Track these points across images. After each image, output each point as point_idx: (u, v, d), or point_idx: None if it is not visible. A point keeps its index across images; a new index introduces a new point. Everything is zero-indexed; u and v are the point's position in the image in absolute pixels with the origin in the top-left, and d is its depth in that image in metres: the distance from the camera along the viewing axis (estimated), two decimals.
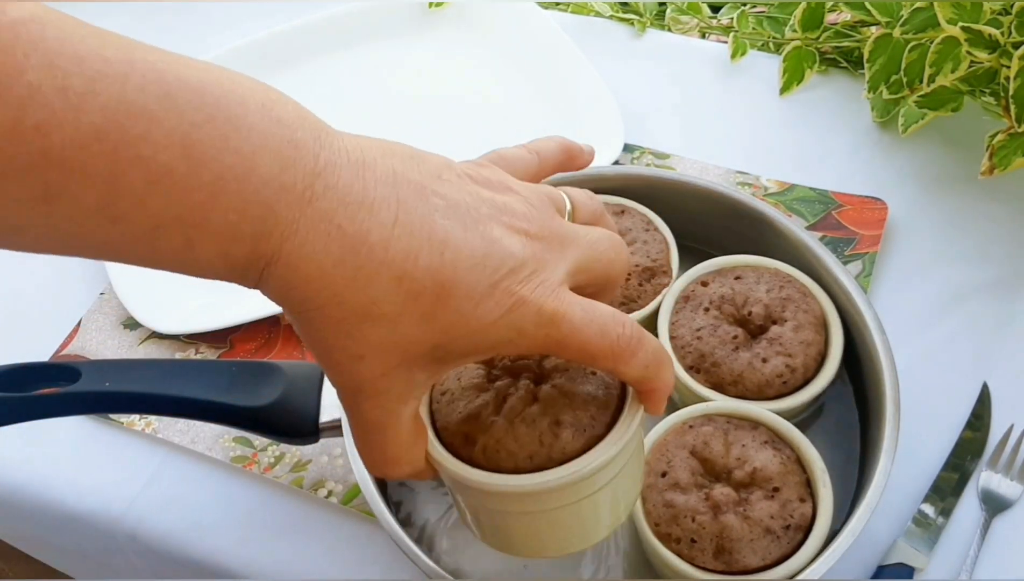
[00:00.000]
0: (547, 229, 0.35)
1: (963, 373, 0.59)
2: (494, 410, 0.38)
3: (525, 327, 0.33)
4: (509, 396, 0.38)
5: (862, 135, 0.72)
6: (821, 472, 0.48)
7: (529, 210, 0.35)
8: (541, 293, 0.33)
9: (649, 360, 0.36)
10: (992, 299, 0.62)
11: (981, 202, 0.67)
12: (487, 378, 0.40)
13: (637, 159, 0.72)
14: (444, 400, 0.39)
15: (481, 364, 0.40)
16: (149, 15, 0.88)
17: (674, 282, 0.57)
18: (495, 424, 0.37)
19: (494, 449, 0.37)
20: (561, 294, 0.33)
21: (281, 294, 0.31)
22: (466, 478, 0.37)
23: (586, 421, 0.37)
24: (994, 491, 0.54)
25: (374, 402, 0.34)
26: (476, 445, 0.37)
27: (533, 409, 0.38)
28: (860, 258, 0.63)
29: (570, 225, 0.36)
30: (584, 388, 0.38)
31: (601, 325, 0.34)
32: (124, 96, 0.27)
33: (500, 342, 0.33)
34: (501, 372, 0.40)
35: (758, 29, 0.79)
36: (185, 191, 0.28)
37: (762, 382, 0.52)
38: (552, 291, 0.33)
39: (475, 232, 0.32)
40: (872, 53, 0.68)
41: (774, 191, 0.68)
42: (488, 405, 0.38)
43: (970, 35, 0.61)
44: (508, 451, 0.37)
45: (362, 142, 0.33)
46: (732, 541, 0.47)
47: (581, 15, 0.84)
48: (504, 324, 0.32)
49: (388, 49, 0.82)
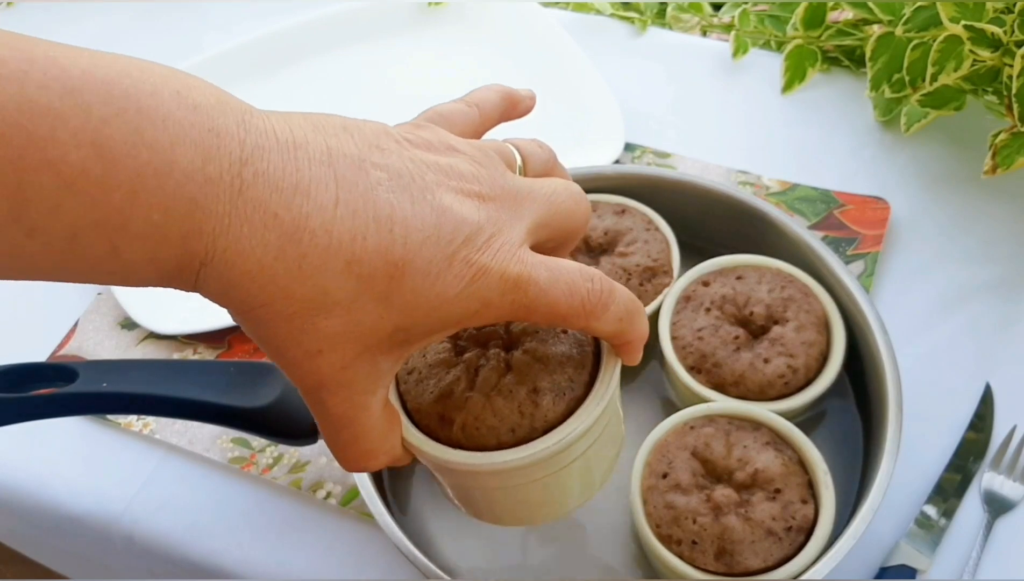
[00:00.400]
0: (499, 188, 0.33)
1: (966, 373, 0.58)
2: (467, 385, 0.36)
3: (490, 297, 0.31)
4: (481, 368, 0.37)
5: (864, 134, 0.72)
6: (823, 473, 0.48)
7: (477, 170, 0.33)
8: (502, 258, 0.31)
9: (622, 312, 0.34)
10: (995, 299, 0.62)
11: (984, 201, 0.66)
12: (454, 351, 0.38)
13: (638, 158, 0.71)
14: (412, 380, 0.38)
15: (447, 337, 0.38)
16: (148, 15, 0.88)
17: (675, 282, 0.57)
18: (471, 400, 0.36)
19: (473, 427, 0.36)
20: (523, 256, 0.32)
21: (221, 295, 0.29)
22: (450, 461, 0.36)
23: (564, 384, 0.36)
24: (997, 492, 0.53)
25: (339, 397, 0.32)
26: (454, 424, 0.36)
27: (508, 379, 0.36)
28: (862, 258, 0.63)
29: (523, 180, 0.34)
30: (557, 349, 0.37)
31: (568, 283, 0.32)
32: (25, 95, 0.25)
33: (465, 315, 0.31)
34: (468, 343, 0.38)
35: (759, 27, 0.78)
36: (102, 193, 0.26)
37: (764, 383, 0.52)
38: (513, 254, 0.31)
39: (423, 203, 0.30)
40: (874, 52, 0.68)
41: (776, 190, 0.68)
42: (460, 381, 0.36)
43: (973, 33, 0.60)
44: (489, 427, 0.35)
45: (291, 119, 0.30)
46: (733, 543, 0.46)
47: (582, 13, 0.84)
48: (467, 296, 0.31)
49: (387, 48, 0.82)
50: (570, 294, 0.32)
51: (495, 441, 0.35)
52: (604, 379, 0.36)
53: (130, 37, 0.85)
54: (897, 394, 0.50)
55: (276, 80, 0.80)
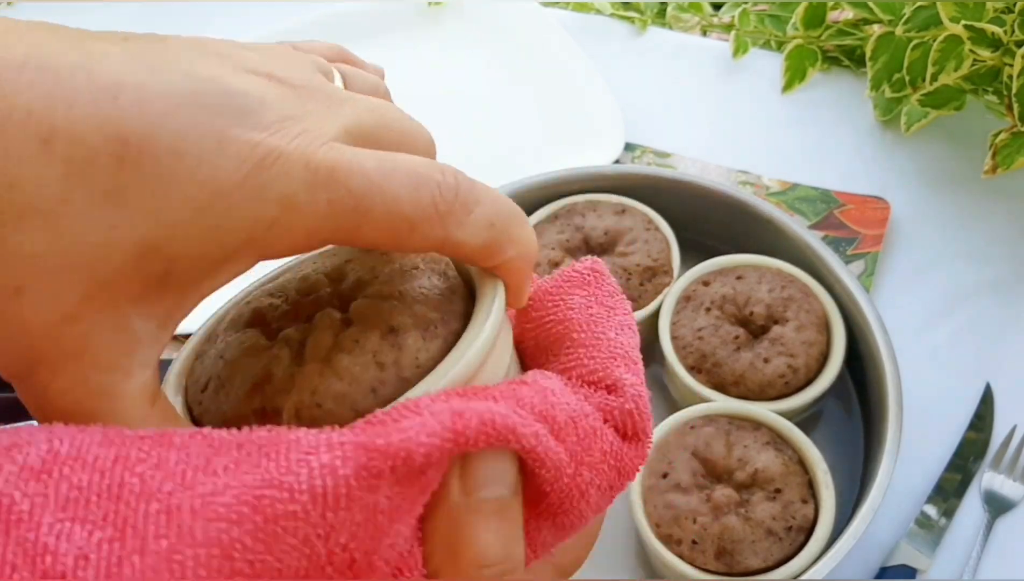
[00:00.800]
0: (304, 80, 0.24)
1: (966, 373, 0.58)
2: (293, 360, 0.25)
3: (292, 192, 0.21)
4: (309, 336, 0.25)
5: (864, 134, 0.72)
6: (823, 473, 0.48)
7: (274, 60, 0.24)
8: (306, 142, 0.21)
9: (491, 214, 0.24)
10: (995, 299, 0.62)
11: (984, 201, 0.66)
12: (265, 337, 0.26)
13: (638, 158, 0.71)
14: (209, 393, 0.26)
15: (247, 327, 0.27)
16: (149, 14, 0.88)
17: (675, 282, 0.57)
18: (300, 374, 0.24)
19: (312, 406, 0.24)
20: (338, 145, 0.22)
21: None
22: None
23: (433, 315, 0.25)
24: (997, 492, 0.53)
25: (65, 377, 0.21)
26: (282, 412, 0.24)
27: (350, 331, 0.25)
28: (862, 258, 0.63)
29: (342, 89, 0.26)
30: (413, 283, 0.26)
31: (411, 173, 0.22)
32: None
33: (258, 226, 0.21)
34: (283, 323, 0.26)
35: (760, 27, 0.78)
36: None
37: (764, 382, 0.52)
38: (323, 141, 0.22)
39: (169, 72, 0.21)
40: (874, 51, 0.68)
41: (776, 190, 0.68)
42: (281, 358, 0.25)
43: (973, 33, 0.60)
44: (336, 396, 0.24)
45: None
46: (733, 543, 0.46)
47: (582, 13, 0.84)
48: (255, 189, 0.20)
49: (386, 48, 0.82)
50: (416, 186, 0.22)
51: (351, 411, 0.24)
52: (484, 298, 0.25)
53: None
54: (897, 394, 0.50)
55: None
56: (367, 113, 0.24)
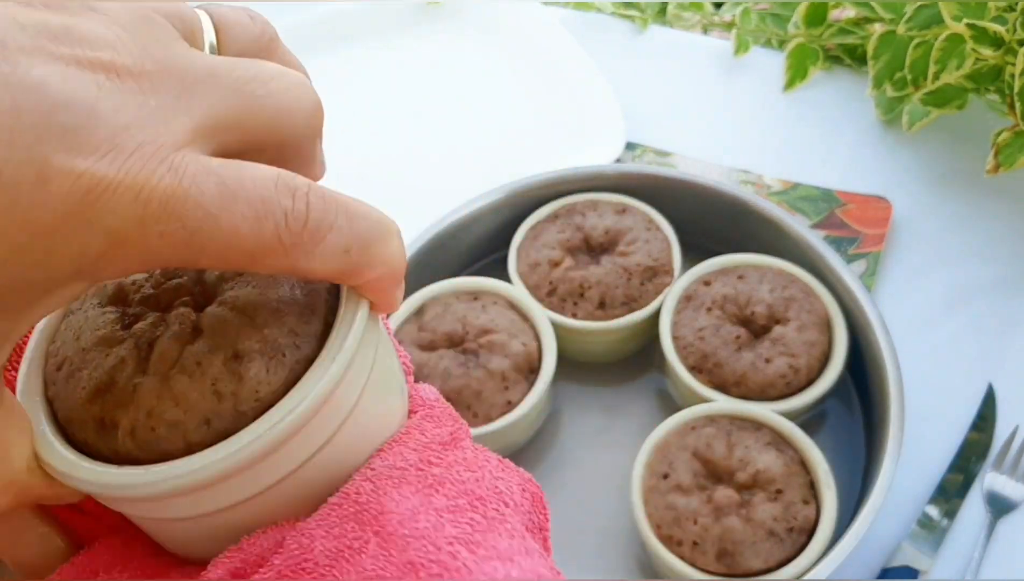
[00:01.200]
0: (152, 60, 0.21)
1: (968, 373, 0.58)
2: (137, 368, 0.24)
3: (120, 227, 0.19)
4: (158, 340, 0.24)
5: (866, 133, 0.72)
6: (825, 474, 0.48)
7: (117, 34, 0.21)
8: (140, 164, 0.20)
9: (347, 240, 0.22)
10: (997, 298, 0.61)
11: (986, 200, 0.66)
12: (120, 323, 0.25)
13: (639, 157, 0.71)
14: (62, 377, 0.25)
15: (109, 304, 0.26)
16: None
17: (676, 281, 0.56)
18: (141, 388, 0.24)
19: (147, 428, 0.23)
20: (179, 161, 0.20)
21: None
22: (108, 485, 0.23)
23: (284, 341, 0.24)
24: (999, 493, 0.53)
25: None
26: (119, 429, 0.24)
27: (196, 347, 0.24)
28: (864, 257, 0.63)
29: (203, 56, 0.22)
30: (272, 294, 0.25)
31: (255, 201, 0.21)
32: None
33: (85, 259, 0.20)
34: (141, 308, 0.26)
35: (761, 25, 0.78)
36: None
37: (765, 383, 0.52)
38: (162, 159, 0.20)
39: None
40: (876, 50, 0.68)
41: (777, 189, 0.68)
42: (125, 363, 0.24)
43: (975, 32, 0.60)
44: (169, 423, 0.23)
45: None
46: (735, 544, 0.46)
47: (582, 11, 0.83)
48: (80, 224, 0.19)
49: (385, 47, 0.82)
50: (259, 218, 0.21)
51: (181, 442, 0.23)
52: (343, 322, 0.24)
53: None
54: (899, 394, 0.50)
55: None
56: (231, 95, 0.22)
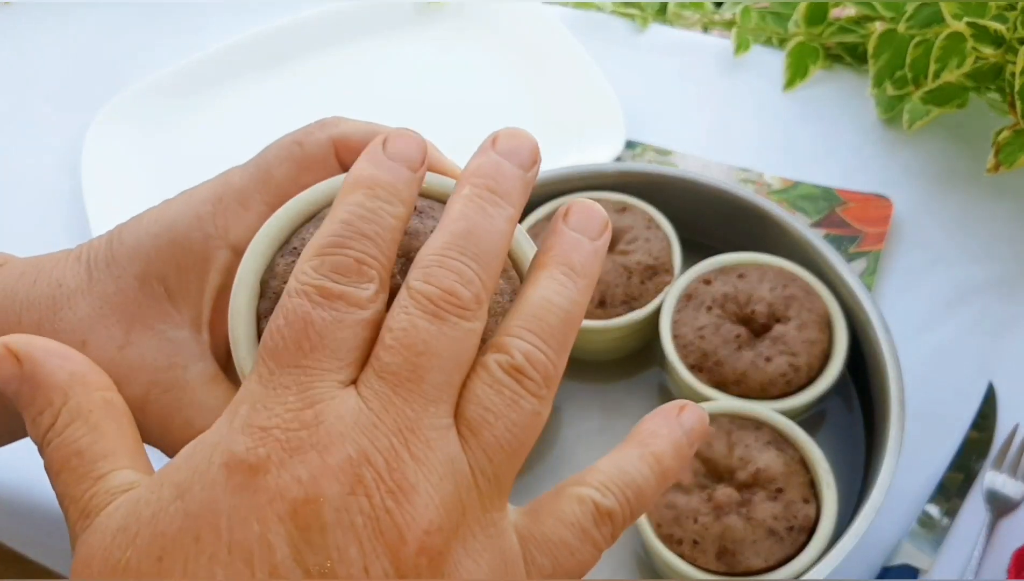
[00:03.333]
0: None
1: (969, 372, 0.58)
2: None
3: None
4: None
5: (867, 131, 0.72)
6: (825, 472, 0.48)
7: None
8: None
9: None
10: (998, 297, 0.61)
11: (987, 199, 0.66)
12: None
13: (639, 156, 0.71)
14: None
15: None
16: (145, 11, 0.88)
17: (676, 280, 0.56)
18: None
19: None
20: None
21: None
22: None
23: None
24: (999, 492, 0.53)
25: (140, 387, 0.29)
26: None
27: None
28: (865, 256, 0.63)
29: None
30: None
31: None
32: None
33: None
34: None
35: (761, 24, 0.78)
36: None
37: (765, 381, 0.52)
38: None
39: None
40: (877, 48, 0.68)
41: (777, 188, 0.68)
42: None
43: (975, 31, 0.60)
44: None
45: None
46: (735, 542, 0.46)
47: (582, 10, 0.83)
48: None
49: (384, 47, 0.82)
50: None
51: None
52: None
53: (129, 35, 0.85)
54: (899, 393, 0.50)
55: (273, 78, 0.79)
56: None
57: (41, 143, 0.77)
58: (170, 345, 0.29)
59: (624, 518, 0.25)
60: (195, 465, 0.22)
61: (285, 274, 0.27)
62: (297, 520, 0.21)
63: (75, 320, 0.29)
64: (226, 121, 0.76)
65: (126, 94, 0.76)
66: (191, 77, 0.77)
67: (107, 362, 0.28)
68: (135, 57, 0.82)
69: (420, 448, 0.22)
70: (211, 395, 0.29)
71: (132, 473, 0.24)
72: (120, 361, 0.28)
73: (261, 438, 0.22)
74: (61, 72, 0.82)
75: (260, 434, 0.22)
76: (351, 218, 0.24)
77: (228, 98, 0.78)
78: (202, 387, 0.29)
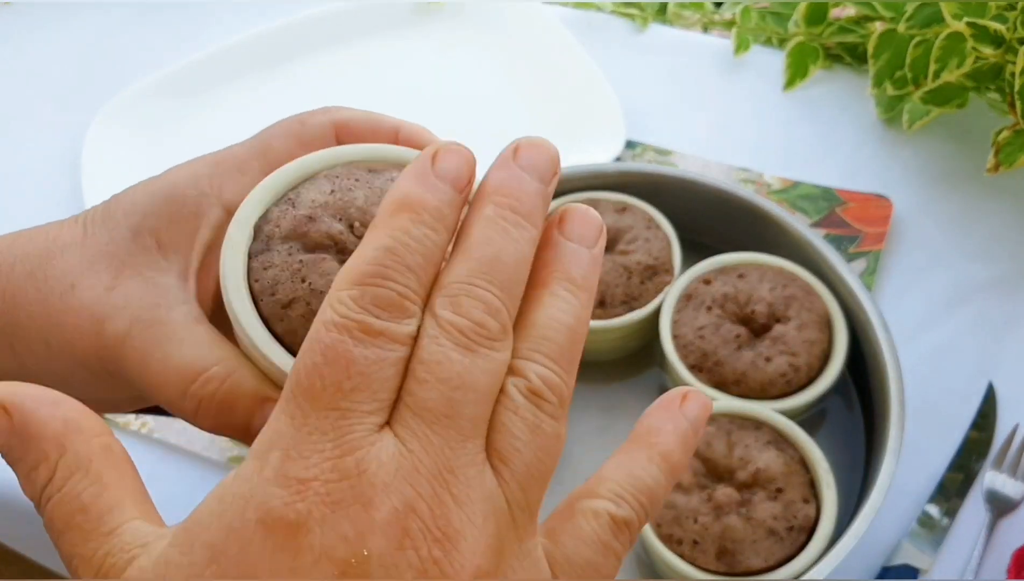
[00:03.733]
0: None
1: (969, 372, 0.58)
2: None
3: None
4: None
5: (866, 131, 0.72)
6: (825, 472, 0.48)
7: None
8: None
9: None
10: (998, 297, 0.61)
11: (987, 199, 0.66)
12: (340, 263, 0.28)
13: (639, 155, 0.71)
14: (295, 316, 0.28)
15: (320, 249, 0.29)
16: (145, 11, 0.88)
17: (676, 280, 0.56)
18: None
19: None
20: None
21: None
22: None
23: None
24: (999, 491, 0.53)
25: (123, 322, 0.30)
26: None
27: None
28: (864, 256, 0.63)
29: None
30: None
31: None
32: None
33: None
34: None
35: (761, 24, 0.78)
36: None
37: (765, 381, 0.52)
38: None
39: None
40: (876, 48, 0.68)
41: (777, 188, 0.68)
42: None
43: (975, 31, 0.60)
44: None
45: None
46: (735, 542, 0.46)
47: (582, 10, 0.83)
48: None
49: (384, 47, 0.82)
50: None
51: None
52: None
53: (128, 35, 0.85)
54: (899, 393, 0.50)
55: (273, 79, 0.79)
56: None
57: (41, 143, 0.77)
58: (156, 289, 0.30)
59: (640, 523, 0.25)
60: (228, 522, 0.21)
61: (279, 219, 0.28)
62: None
63: (66, 267, 0.30)
64: (226, 121, 0.76)
65: (126, 94, 0.76)
66: (191, 77, 0.77)
67: (94, 301, 0.30)
68: (135, 57, 0.82)
69: (461, 489, 0.21)
70: (192, 333, 0.30)
71: (143, 524, 0.23)
72: (107, 301, 0.30)
73: (299, 491, 0.20)
74: (61, 72, 0.81)
75: (298, 486, 0.20)
76: (396, 246, 0.23)
77: (228, 98, 0.78)
78: (184, 326, 0.30)
